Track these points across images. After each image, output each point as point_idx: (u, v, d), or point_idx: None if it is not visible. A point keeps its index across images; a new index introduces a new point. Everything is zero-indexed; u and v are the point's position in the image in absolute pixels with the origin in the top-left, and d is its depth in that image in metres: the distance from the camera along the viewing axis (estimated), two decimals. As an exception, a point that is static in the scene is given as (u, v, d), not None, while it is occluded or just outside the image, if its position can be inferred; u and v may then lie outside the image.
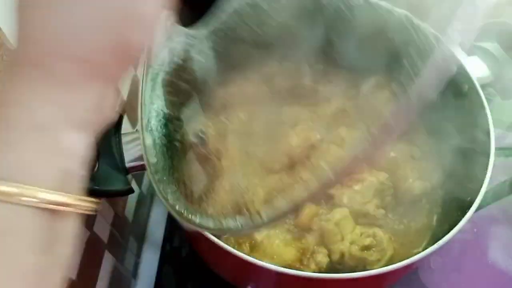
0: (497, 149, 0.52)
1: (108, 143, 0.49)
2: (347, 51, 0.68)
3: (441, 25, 0.85)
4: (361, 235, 0.55)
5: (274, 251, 0.56)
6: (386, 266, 0.51)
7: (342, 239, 0.55)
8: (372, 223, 0.57)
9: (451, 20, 0.84)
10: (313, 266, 0.53)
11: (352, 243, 0.54)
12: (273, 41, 0.69)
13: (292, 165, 0.61)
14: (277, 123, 0.67)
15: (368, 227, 0.56)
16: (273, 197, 0.58)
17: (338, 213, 0.56)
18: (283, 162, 0.61)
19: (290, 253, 0.56)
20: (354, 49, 0.68)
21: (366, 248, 0.53)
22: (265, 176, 0.61)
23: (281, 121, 0.66)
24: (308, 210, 0.57)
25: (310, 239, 0.57)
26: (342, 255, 0.54)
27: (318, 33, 0.68)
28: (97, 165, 0.48)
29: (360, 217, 0.57)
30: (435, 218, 0.60)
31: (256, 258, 0.44)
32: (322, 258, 0.53)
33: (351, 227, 0.56)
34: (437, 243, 0.45)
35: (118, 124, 0.50)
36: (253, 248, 0.57)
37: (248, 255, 0.44)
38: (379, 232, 0.55)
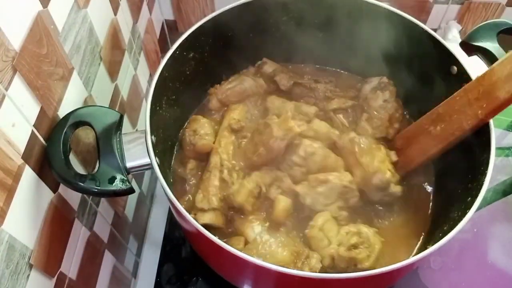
0: (497, 148, 0.52)
1: (109, 143, 0.49)
2: (350, 51, 0.68)
3: (441, 25, 0.85)
4: (346, 234, 0.54)
5: (266, 251, 0.55)
6: (376, 261, 0.52)
7: (329, 243, 0.54)
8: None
9: (451, 20, 0.84)
10: (306, 269, 0.52)
11: (339, 244, 0.53)
12: (273, 40, 0.69)
13: (274, 158, 0.60)
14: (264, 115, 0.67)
15: (353, 226, 0.55)
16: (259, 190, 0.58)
17: (321, 218, 0.55)
18: (262, 155, 0.59)
19: (282, 255, 0.55)
20: (357, 50, 0.68)
21: (354, 246, 0.53)
22: (253, 169, 0.61)
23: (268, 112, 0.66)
24: (284, 204, 0.57)
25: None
26: (332, 259, 0.53)
27: (321, 33, 0.68)
28: (97, 165, 0.48)
29: None
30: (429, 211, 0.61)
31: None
32: (316, 263, 0.53)
33: (336, 229, 0.55)
34: (437, 243, 0.45)
35: (118, 124, 0.50)
36: (246, 247, 0.56)
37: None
38: (364, 229, 0.54)
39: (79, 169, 0.53)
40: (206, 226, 0.54)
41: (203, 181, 0.59)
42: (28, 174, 0.42)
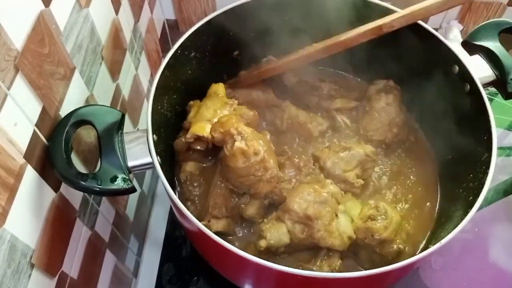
0: (498, 148, 0.52)
1: (110, 142, 0.49)
2: (351, 51, 0.68)
3: (443, 25, 0.85)
4: (362, 210, 0.55)
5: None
6: (394, 232, 0.53)
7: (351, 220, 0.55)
8: (348, 190, 0.58)
9: (452, 20, 0.83)
10: (325, 268, 0.53)
11: (358, 219, 0.54)
12: (275, 40, 0.69)
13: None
14: None
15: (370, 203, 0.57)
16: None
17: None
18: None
19: (301, 254, 0.56)
20: (357, 50, 0.68)
21: (370, 218, 0.53)
22: None
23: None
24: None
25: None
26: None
27: (322, 33, 0.68)
28: (99, 164, 0.48)
29: (340, 183, 0.58)
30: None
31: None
32: (335, 261, 0.53)
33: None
34: (439, 242, 0.45)
35: (120, 123, 0.50)
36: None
37: (258, 256, 0.44)
38: (381, 203, 0.55)
39: (81, 168, 0.53)
40: (217, 233, 0.54)
41: (213, 187, 0.58)
42: (30, 174, 0.43)
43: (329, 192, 0.54)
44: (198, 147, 0.58)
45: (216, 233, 0.54)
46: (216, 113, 0.58)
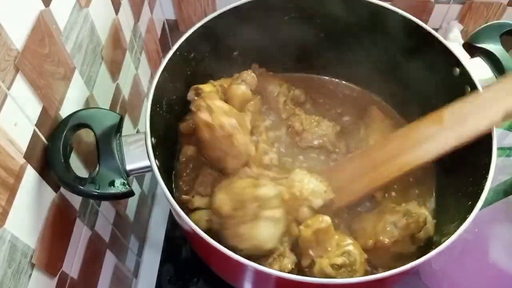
0: (498, 148, 0.52)
1: (108, 145, 0.48)
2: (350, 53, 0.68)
3: (443, 25, 0.85)
4: (337, 246, 0.52)
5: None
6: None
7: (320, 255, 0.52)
8: None
9: (452, 20, 0.83)
10: (275, 267, 0.51)
11: (325, 258, 0.51)
12: (275, 41, 0.69)
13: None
14: None
15: (347, 242, 0.53)
16: None
17: (318, 223, 0.52)
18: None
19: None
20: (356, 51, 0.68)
21: (337, 267, 0.51)
22: None
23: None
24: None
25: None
26: (312, 263, 0.52)
27: (322, 33, 0.68)
28: (97, 168, 0.48)
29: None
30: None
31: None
32: (288, 263, 0.51)
33: (329, 238, 0.53)
34: (436, 248, 0.45)
35: (119, 127, 0.50)
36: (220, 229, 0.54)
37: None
38: (354, 251, 0.52)
39: (81, 169, 0.53)
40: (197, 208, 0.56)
41: (205, 166, 0.59)
42: (30, 174, 0.43)
43: (255, 194, 0.51)
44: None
45: (196, 209, 0.56)
46: (220, 80, 0.62)
